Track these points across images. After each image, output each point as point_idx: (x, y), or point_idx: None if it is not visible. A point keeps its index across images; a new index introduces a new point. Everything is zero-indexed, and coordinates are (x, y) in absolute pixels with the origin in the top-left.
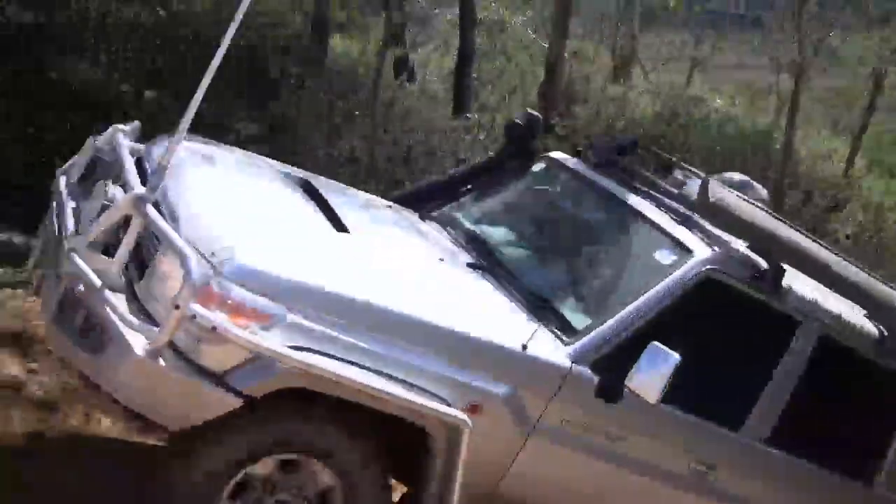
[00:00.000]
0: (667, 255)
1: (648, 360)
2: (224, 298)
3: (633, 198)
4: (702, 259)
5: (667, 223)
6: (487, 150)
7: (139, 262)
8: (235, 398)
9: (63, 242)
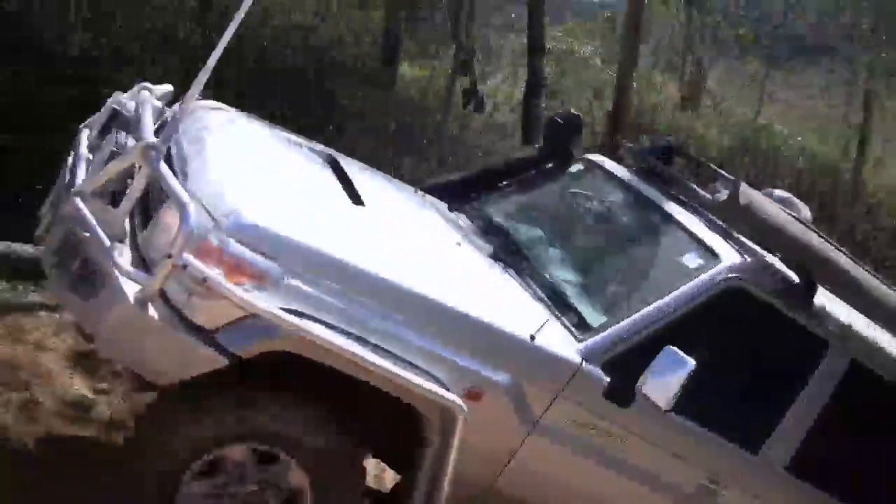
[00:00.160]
0: (693, 259)
1: (662, 364)
2: (221, 253)
3: (667, 201)
4: (729, 265)
5: (698, 228)
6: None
7: (147, 216)
8: (222, 357)
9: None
